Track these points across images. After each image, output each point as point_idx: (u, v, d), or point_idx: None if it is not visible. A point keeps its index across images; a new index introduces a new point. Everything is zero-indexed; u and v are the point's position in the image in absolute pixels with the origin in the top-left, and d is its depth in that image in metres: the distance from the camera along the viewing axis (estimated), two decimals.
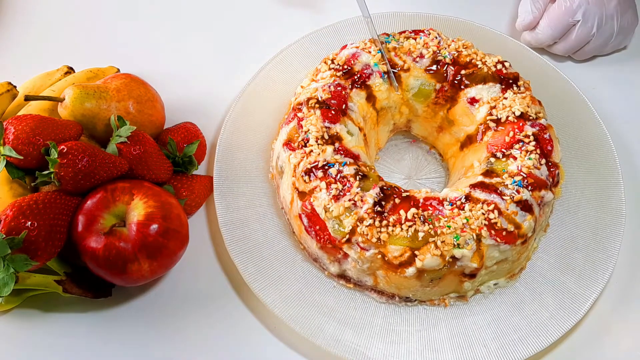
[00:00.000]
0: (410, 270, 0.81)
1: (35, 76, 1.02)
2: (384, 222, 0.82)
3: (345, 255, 0.85)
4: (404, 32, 0.98)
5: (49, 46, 1.13)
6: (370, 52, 0.95)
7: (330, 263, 0.87)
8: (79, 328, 0.88)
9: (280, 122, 0.98)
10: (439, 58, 0.95)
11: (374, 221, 0.82)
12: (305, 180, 0.86)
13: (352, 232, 0.82)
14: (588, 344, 0.89)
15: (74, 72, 1.03)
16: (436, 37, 0.96)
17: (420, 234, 0.81)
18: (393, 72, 0.95)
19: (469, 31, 1.08)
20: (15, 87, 1.00)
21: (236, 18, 1.18)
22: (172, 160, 0.93)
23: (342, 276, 0.89)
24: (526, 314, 0.87)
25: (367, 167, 0.88)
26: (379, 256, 0.82)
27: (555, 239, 0.93)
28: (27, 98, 0.87)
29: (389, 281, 0.84)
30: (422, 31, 0.97)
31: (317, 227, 0.85)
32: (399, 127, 1.01)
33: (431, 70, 0.95)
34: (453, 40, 0.97)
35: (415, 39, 0.96)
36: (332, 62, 0.95)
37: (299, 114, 0.91)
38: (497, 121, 0.90)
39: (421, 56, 0.95)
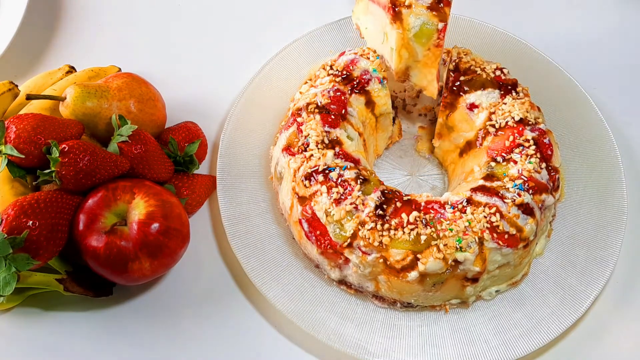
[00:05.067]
0: (413, 275, 0.81)
1: (36, 75, 1.02)
2: (386, 226, 0.82)
3: (347, 261, 0.84)
4: None
5: (50, 45, 1.13)
6: (368, 58, 0.95)
7: (331, 269, 0.87)
8: (79, 327, 0.88)
9: (279, 128, 0.98)
10: None
11: (376, 225, 0.82)
12: (305, 185, 0.86)
13: (354, 236, 0.82)
14: (589, 341, 0.89)
15: (76, 71, 1.03)
16: None
17: (423, 237, 0.81)
18: (393, 7, 0.89)
19: (471, 28, 1.08)
20: (16, 86, 1.00)
21: (238, 16, 1.17)
22: (173, 159, 0.93)
23: (343, 282, 0.89)
24: (527, 311, 0.87)
25: (368, 172, 0.88)
26: (381, 260, 0.82)
27: (557, 236, 0.93)
28: (29, 97, 0.88)
29: (390, 286, 0.84)
30: None
31: (318, 232, 0.85)
32: (399, 78, 0.95)
33: (433, 8, 0.89)
34: (453, 48, 0.97)
35: None
36: (331, 68, 0.95)
37: (299, 119, 0.91)
38: (497, 126, 0.90)
39: None
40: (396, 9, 0.89)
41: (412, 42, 0.91)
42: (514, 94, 0.93)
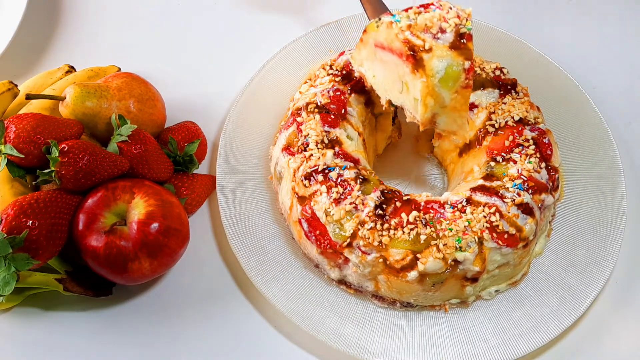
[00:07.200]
0: (412, 274, 0.81)
1: (36, 75, 1.02)
2: (386, 226, 0.82)
3: (346, 261, 0.84)
4: (410, 8, 0.82)
5: (50, 45, 1.13)
6: None
7: (331, 269, 0.87)
8: (79, 327, 0.88)
9: (278, 127, 0.98)
10: (463, 31, 0.80)
11: (375, 224, 0.82)
12: (305, 185, 0.86)
13: (353, 235, 0.82)
14: (588, 341, 0.89)
15: (75, 71, 1.03)
16: (451, 8, 0.81)
17: (422, 237, 0.81)
18: (412, 55, 0.79)
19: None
20: (16, 85, 1.00)
21: (238, 16, 1.17)
22: (172, 159, 0.93)
23: (343, 282, 0.89)
24: (527, 310, 0.87)
25: (368, 171, 0.88)
26: (381, 260, 0.82)
27: (557, 236, 0.93)
28: (29, 97, 0.87)
29: (390, 286, 0.84)
30: (432, 4, 0.82)
31: (318, 232, 0.85)
32: (426, 127, 0.85)
33: (456, 45, 0.79)
34: None
35: (428, 12, 0.81)
36: (331, 68, 0.95)
37: (298, 119, 0.91)
38: (497, 126, 0.90)
39: (442, 31, 0.80)
40: (416, 56, 0.79)
41: (437, 88, 0.80)
42: (513, 93, 0.93)
